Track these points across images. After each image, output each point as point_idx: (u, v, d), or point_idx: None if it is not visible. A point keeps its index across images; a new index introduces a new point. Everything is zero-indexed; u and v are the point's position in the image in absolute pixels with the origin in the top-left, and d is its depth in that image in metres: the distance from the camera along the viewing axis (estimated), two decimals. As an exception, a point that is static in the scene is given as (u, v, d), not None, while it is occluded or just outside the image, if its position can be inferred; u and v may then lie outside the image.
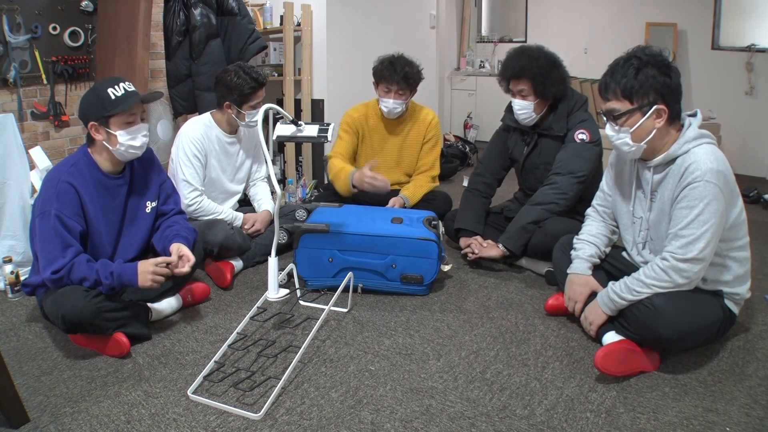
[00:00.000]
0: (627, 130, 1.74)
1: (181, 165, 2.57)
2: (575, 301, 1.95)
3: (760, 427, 1.50)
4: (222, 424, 1.53)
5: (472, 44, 6.48)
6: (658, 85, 1.68)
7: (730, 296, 1.80)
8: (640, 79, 1.68)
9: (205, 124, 2.66)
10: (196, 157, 2.57)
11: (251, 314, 1.95)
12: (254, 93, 2.57)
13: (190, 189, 2.56)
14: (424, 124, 3.03)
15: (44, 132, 3.24)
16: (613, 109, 1.75)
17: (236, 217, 2.67)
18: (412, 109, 3.06)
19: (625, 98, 1.72)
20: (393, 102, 2.89)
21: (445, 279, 2.50)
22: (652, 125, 1.71)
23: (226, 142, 2.70)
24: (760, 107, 4.65)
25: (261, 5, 4.22)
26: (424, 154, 3.05)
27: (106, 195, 1.98)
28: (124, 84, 1.93)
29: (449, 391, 1.67)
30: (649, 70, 1.68)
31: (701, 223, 1.64)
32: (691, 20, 4.92)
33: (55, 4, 3.16)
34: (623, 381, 1.71)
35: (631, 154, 1.79)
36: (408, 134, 3.03)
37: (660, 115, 1.70)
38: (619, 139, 1.77)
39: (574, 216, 2.42)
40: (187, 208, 2.55)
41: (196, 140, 2.58)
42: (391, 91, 2.88)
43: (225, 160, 2.71)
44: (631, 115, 1.72)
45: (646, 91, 1.68)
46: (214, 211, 2.61)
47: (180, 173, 2.57)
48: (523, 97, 2.46)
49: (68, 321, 1.78)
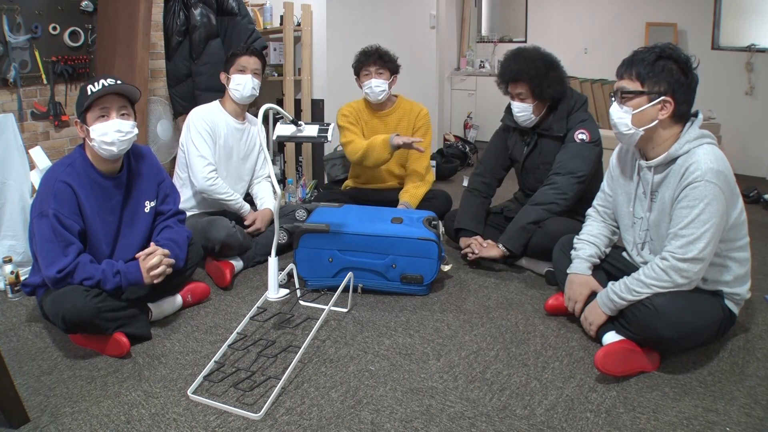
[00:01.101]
0: (629, 111, 1.74)
1: (194, 141, 2.60)
2: (575, 301, 1.95)
3: (760, 427, 1.50)
4: (222, 424, 1.53)
5: (472, 44, 6.48)
6: (673, 79, 1.69)
7: (730, 296, 1.80)
8: (657, 68, 1.69)
9: (213, 108, 2.73)
10: (207, 133, 2.62)
11: (251, 314, 1.95)
12: (240, 55, 2.68)
13: (205, 163, 2.58)
14: (413, 114, 3.08)
15: (44, 132, 3.24)
16: (623, 87, 1.76)
17: (243, 206, 2.71)
18: (400, 102, 3.10)
19: (637, 80, 1.73)
20: (374, 81, 2.94)
21: (445, 279, 2.50)
22: (655, 114, 1.71)
23: (234, 127, 2.74)
24: (760, 107, 4.65)
25: (261, 5, 4.21)
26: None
27: (103, 195, 1.97)
28: (105, 80, 1.89)
29: (449, 391, 1.67)
30: (670, 63, 1.69)
31: (701, 223, 1.64)
32: (691, 20, 4.92)
33: (55, 4, 3.16)
34: (623, 381, 1.71)
35: (628, 137, 1.79)
36: (398, 125, 3.08)
37: (665, 107, 1.70)
38: (619, 119, 1.77)
39: (574, 216, 2.42)
40: (204, 182, 2.56)
41: (206, 119, 2.64)
42: (370, 72, 2.95)
43: (234, 145, 2.74)
44: (638, 97, 1.73)
45: (660, 80, 1.69)
46: (227, 191, 2.64)
47: (194, 150, 2.59)
48: (522, 100, 2.46)
49: (68, 321, 1.78)
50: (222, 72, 2.75)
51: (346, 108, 3.11)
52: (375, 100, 3.00)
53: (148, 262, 1.94)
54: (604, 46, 5.35)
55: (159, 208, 2.16)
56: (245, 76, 2.67)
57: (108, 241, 2.00)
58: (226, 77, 2.72)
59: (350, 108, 3.10)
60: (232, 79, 2.68)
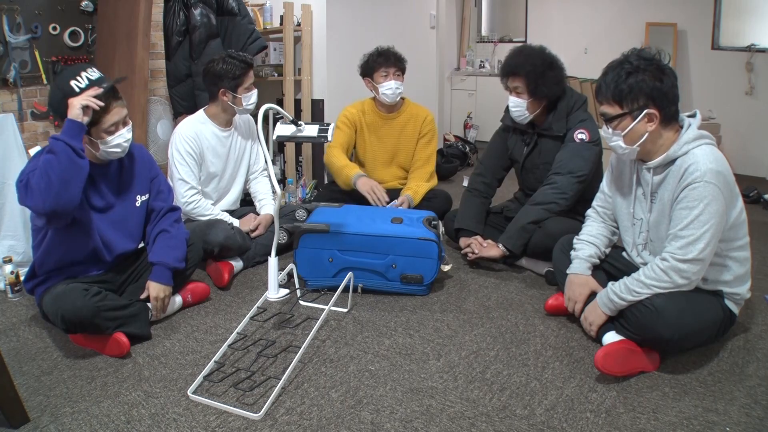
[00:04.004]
0: (619, 134, 1.75)
1: (176, 164, 2.57)
2: (575, 302, 1.95)
3: (760, 427, 1.50)
4: (222, 424, 1.53)
5: (472, 44, 6.48)
6: (648, 89, 1.68)
7: (731, 296, 1.80)
8: (630, 84, 1.69)
9: (198, 121, 2.67)
10: (189, 155, 2.58)
11: (251, 314, 1.95)
12: (245, 74, 2.60)
13: (186, 187, 2.56)
14: (420, 120, 3.08)
15: (44, 132, 3.24)
16: (605, 113, 1.77)
17: (232, 222, 2.66)
18: (407, 106, 3.10)
19: (615, 103, 1.73)
20: (395, 83, 2.95)
21: (445, 279, 2.50)
22: (644, 129, 1.72)
23: (221, 135, 2.69)
24: (760, 107, 4.65)
25: (261, 5, 4.21)
26: (420, 148, 3.08)
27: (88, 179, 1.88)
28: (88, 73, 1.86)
29: (449, 391, 1.67)
30: (640, 74, 1.68)
31: (701, 224, 1.64)
32: (691, 20, 4.92)
33: (55, 4, 3.16)
34: (623, 381, 1.71)
35: (627, 155, 1.81)
36: (404, 129, 3.07)
37: (651, 119, 1.71)
38: (613, 141, 1.79)
39: (574, 216, 2.42)
40: (185, 207, 2.54)
41: (189, 138, 2.59)
42: (389, 73, 2.95)
43: (223, 153, 2.71)
44: (622, 119, 1.74)
45: (636, 96, 1.69)
46: (210, 212, 2.61)
47: (176, 173, 2.57)
48: (518, 95, 2.47)
49: (68, 321, 1.78)
50: (222, 89, 2.58)
51: (351, 108, 3.11)
52: (393, 102, 3.01)
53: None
54: (604, 46, 5.34)
55: (152, 204, 2.14)
56: (254, 92, 2.66)
57: (99, 229, 1.97)
58: (232, 97, 2.59)
59: (355, 109, 3.10)
60: (243, 99, 2.60)
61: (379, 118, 3.08)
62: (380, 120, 3.08)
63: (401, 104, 3.10)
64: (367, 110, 3.10)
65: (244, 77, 2.59)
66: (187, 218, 2.60)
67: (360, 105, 3.12)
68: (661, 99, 1.69)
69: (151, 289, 2.03)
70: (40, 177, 1.71)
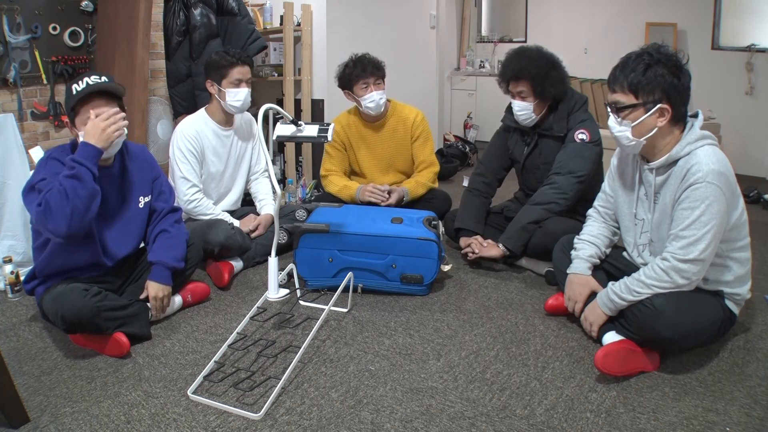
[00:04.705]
0: (628, 124, 1.74)
1: (178, 163, 2.58)
2: (575, 302, 1.95)
3: (760, 427, 1.50)
4: (222, 424, 1.53)
5: (472, 44, 6.48)
6: (666, 84, 1.67)
7: (731, 296, 1.80)
8: (649, 76, 1.68)
9: (198, 119, 2.67)
10: (191, 153, 2.58)
11: (251, 314, 1.95)
12: (231, 67, 2.56)
13: (188, 185, 2.56)
14: (409, 123, 2.95)
15: (44, 132, 3.24)
16: (618, 101, 1.75)
17: (232, 222, 2.65)
18: (393, 108, 2.98)
19: (630, 92, 1.72)
20: (377, 94, 2.81)
21: (445, 279, 2.50)
22: (654, 123, 1.71)
23: (222, 135, 2.69)
24: (760, 107, 4.65)
25: (261, 5, 4.22)
26: (418, 150, 2.98)
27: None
28: (90, 78, 1.87)
29: (449, 391, 1.67)
30: (660, 68, 1.68)
31: (702, 224, 1.64)
32: (691, 20, 4.92)
33: (55, 4, 3.16)
34: (623, 381, 1.71)
35: (631, 148, 1.79)
36: (393, 135, 2.97)
37: (663, 114, 1.70)
38: (620, 132, 1.77)
39: (575, 216, 2.42)
40: (186, 205, 2.54)
41: (190, 136, 2.59)
42: (369, 84, 2.81)
43: (223, 153, 2.71)
44: (634, 110, 1.72)
45: (653, 89, 1.69)
46: (212, 211, 2.61)
47: (177, 171, 2.57)
48: (523, 99, 2.46)
49: (68, 320, 1.78)
50: (209, 81, 2.61)
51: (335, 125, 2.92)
52: (378, 113, 2.89)
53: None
54: (604, 46, 5.34)
55: (153, 205, 2.14)
56: (242, 90, 2.59)
57: (101, 235, 1.97)
58: (217, 89, 2.60)
59: (339, 124, 2.96)
60: (227, 94, 2.57)
61: (366, 128, 2.97)
62: (367, 130, 2.97)
63: (387, 108, 2.94)
64: (352, 123, 2.97)
65: (228, 70, 2.56)
66: (188, 218, 2.61)
67: (344, 118, 3.00)
68: (676, 96, 1.69)
69: (150, 289, 2.03)
70: (63, 202, 1.73)
